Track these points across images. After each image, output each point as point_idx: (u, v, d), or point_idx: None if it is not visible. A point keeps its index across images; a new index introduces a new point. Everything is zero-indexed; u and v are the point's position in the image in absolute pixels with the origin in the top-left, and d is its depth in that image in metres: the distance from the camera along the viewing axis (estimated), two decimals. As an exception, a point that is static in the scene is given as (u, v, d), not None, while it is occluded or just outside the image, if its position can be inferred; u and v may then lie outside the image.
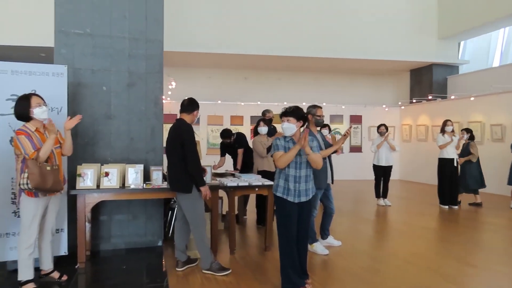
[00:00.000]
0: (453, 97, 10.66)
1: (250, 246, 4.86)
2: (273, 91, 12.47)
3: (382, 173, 7.74)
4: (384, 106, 12.70)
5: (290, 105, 3.37)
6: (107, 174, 4.06)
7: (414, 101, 12.12)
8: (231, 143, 6.14)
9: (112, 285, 3.58)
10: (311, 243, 4.45)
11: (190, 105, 3.88)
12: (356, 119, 12.54)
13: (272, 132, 5.97)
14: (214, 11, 10.11)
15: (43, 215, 3.37)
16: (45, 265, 3.57)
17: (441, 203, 7.55)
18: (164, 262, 4.22)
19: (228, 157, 6.34)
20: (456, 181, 7.44)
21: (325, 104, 10.59)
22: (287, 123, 3.26)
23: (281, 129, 3.40)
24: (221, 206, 5.65)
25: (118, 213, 4.62)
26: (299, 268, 3.30)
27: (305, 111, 3.65)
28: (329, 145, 4.60)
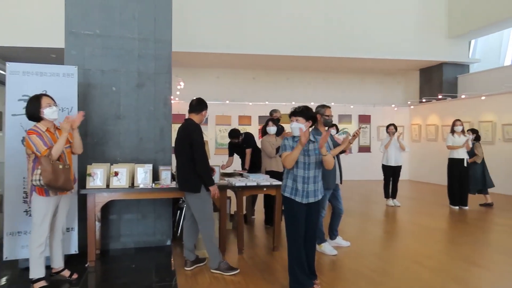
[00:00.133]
0: (463, 96, 10.52)
1: (258, 246, 4.86)
2: (281, 91, 12.46)
3: (391, 173, 7.68)
4: (393, 105, 12.60)
5: (299, 105, 3.36)
6: (116, 173, 4.10)
7: (423, 100, 12.00)
8: (239, 143, 6.16)
9: (121, 284, 3.61)
10: (320, 244, 4.44)
11: (198, 105, 3.89)
12: (364, 119, 12.46)
13: (280, 131, 5.97)
14: (222, 12, 10.13)
15: (53, 214, 3.42)
16: (56, 263, 3.62)
17: (451, 203, 7.48)
18: (172, 261, 4.24)
19: (236, 157, 6.36)
20: (466, 181, 7.36)
21: (333, 103, 10.53)
22: (296, 123, 3.25)
23: (289, 129, 3.39)
24: (229, 206, 5.66)
25: (127, 213, 4.66)
26: (307, 268, 3.29)
27: (314, 111, 3.64)
28: (338, 145, 4.57)
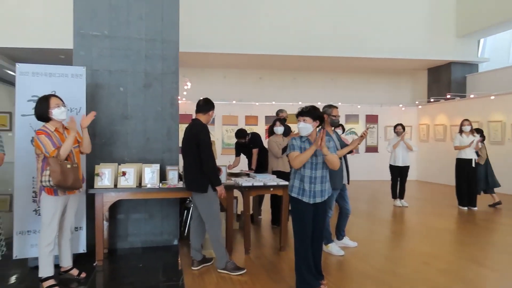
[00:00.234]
0: (472, 96, 10.42)
1: (265, 246, 4.86)
2: (288, 91, 12.43)
3: (398, 174, 7.63)
4: (400, 105, 12.51)
5: (306, 105, 3.35)
6: (124, 173, 4.12)
7: (431, 100, 11.90)
8: (246, 143, 6.16)
9: (129, 283, 3.64)
10: (326, 244, 4.42)
11: (205, 105, 3.91)
12: (372, 119, 12.38)
13: (287, 131, 5.96)
14: (228, 12, 10.14)
15: (62, 213, 3.45)
16: (65, 262, 3.65)
17: (460, 204, 7.41)
18: (179, 261, 4.26)
19: (243, 157, 6.36)
20: (474, 182, 7.28)
21: (340, 103, 10.48)
22: (303, 123, 3.23)
23: (296, 129, 3.38)
24: (236, 206, 5.67)
25: (135, 212, 4.69)
26: (314, 268, 3.29)
27: (321, 111, 3.63)
28: (345, 145, 4.56)
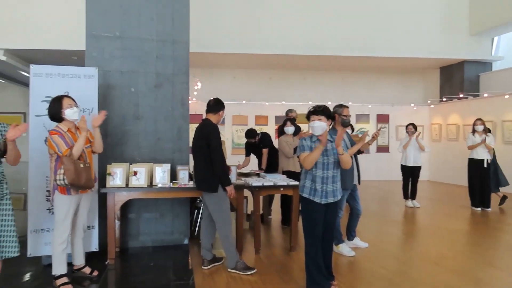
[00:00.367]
0: (486, 95, 10.25)
1: (275, 246, 4.86)
2: (298, 90, 12.40)
3: (410, 174, 7.55)
4: (412, 105, 12.38)
5: (316, 104, 3.35)
6: (135, 173, 4.16)
7: (444, 99, 11.75)
8: (256, 143, 6.16)
9: (140, 282, 3.67)
10: (337, 244, 4.40)
11: (216, 105, 3.92)
12: (383, 119, 12.28)
13: (297, 131, 5.94)
14: (238, 12, 10.16)
15: (75, 212, 3.50)
16: (77, 260, 3.70)
17: (472, 205, 7.31)
18: (190, 260, 4.28)
19: (253, 157, 6.36)
20: (487, 182, 7.17)
21: (351, 103, 10.41)
22: (319, 121, 3.19)
23: (305, 129, 3.38)
24: (246, 205, 5.68)
25: (146, 211, 4.74)
26: (324, 269, 3.28)
27: (332, 111, 3.62)
28: (355, 144, 4.52)
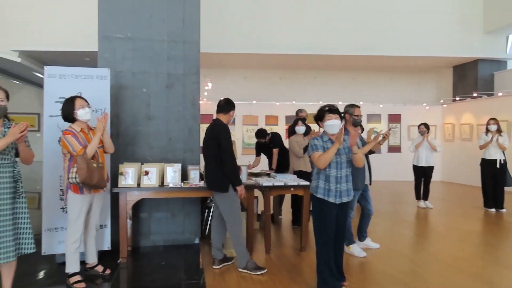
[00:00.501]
0: (500, 94, 10.06)
1: (285, 246, 4.85)
2: (308, 90, 12.35)
3: (422, 174, 7.46)
4: (424, 104, 12.23)
5: (327, 104, 3.36)
6: (147, 173, 4.20)
7: (457, 98, 11.57)
8: (266, 143, 6.16)
9: (151, 281, 3.71)
10: (348, 245, 4.37)
11: (226, 105, 3.93)
12: (394, 118, 12.15)
13: (307, 131, 5.92)
14: (248, 12, 10.16)
15: (88, 211, 3.55)
16: (90, 258, 3.75)
17: (485, 206, 7.20)
18: (201, 259, 4.30)
19: (263, 157, 6.36)
20: (500, 183, 7.04)
21: (362, 103, 10.34)
22: (335, 120, 3.22)
23: (316, 128, 3.38)
24: (256, 205, 5.68)
25: (157, 211, 4.77)
26: (335, 269, 3.26)
27: (343, 110, 3.62)
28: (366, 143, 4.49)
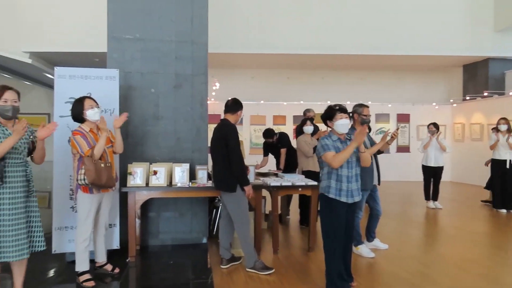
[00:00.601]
0: (511, 93, 9.93)
1: (293, 246, 4.85)
2: (316, 90, 12.29)
3: (431, 174, 7.39)
4: (434, 104, 12.10)
5: (335, 104, 3.36)
6: (155, 172, 4.23)
7: (467, 98, 11.43)
8: (274, 142, 6.16)
9: (160, 280, 3.73)
10: (356, 245, 4.35)
11: (234, 105, 3.94)
12: (403, 118, 12.05)
13: (315, 131, 5.91)
14: (256, 12, 10.16)
15: (97, 210, 3.59)
16: (99, 257, 3.79)
17: (494, 206, 7.11)
18: (209, 259, 4.32)
19: (271, 157, 6.36)
20: (510, 183, 6.94)
21: (370, 102, 10.22)
22: (346, 119, 3.25)
23: (323, 128, 3.39)
24: (264, 205, 5.68)
25: (165, 210, 4.80)
26: (343, 270, 3.25)
27: (351, 110, 3.62)
28: (375, 143, 4.46)
